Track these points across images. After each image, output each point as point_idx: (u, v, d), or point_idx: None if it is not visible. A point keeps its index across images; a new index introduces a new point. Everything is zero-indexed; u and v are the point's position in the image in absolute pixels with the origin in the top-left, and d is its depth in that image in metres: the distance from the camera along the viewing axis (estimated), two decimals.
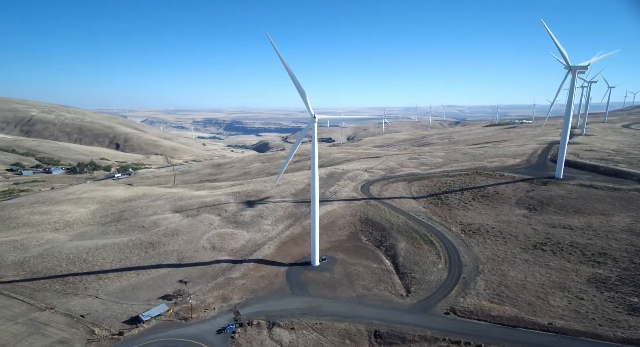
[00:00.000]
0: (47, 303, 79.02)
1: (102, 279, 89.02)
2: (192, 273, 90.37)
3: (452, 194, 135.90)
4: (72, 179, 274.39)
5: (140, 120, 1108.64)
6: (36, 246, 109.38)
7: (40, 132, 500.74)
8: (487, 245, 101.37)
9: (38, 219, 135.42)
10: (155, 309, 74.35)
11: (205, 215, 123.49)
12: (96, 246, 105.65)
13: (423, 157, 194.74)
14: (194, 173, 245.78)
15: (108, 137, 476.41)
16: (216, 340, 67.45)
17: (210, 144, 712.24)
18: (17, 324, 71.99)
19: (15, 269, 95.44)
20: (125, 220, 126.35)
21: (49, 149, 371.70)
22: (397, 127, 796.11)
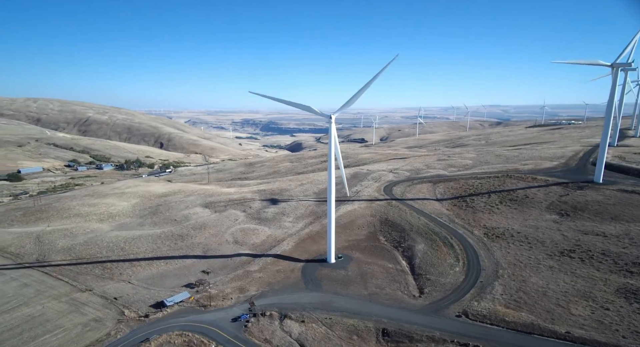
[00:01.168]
0: (87, 285, 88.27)
1: (135, 266, 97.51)
2: (214, 264, 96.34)
3: (478, 197, 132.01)
4: (120, 175, 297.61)
5: (184, 120, 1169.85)
6: (83, 234, 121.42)
7: (95, 131, 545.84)
8: (511, 250, 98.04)
9: (86, 211, 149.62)
10: (178, 295, 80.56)
11: (232, 211, 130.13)
12: (133, 236, 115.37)
13: (452, 159, 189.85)
14: (227, 171, 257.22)
15: (153, 137, 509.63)
16: (231, 327, 71.89)
17: (247, 143, 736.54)
18: (60, 302, 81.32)
19: (63, 254, 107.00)
20: (160, 213, 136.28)
21: (102, 147, 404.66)
22: (434, 128, 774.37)
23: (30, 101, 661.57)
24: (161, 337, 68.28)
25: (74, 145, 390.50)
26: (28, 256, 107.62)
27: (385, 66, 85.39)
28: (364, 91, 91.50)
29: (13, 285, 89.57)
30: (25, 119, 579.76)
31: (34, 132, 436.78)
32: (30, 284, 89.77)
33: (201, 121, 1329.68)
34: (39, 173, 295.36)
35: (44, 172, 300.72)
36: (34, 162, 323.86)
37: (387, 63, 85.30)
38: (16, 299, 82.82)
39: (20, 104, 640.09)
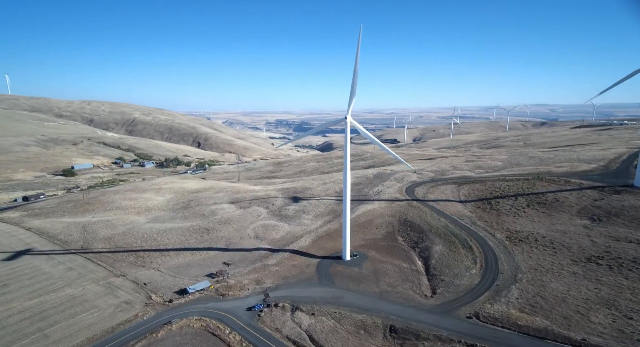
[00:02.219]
0: (122, 271, 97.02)
1: (165, 255, 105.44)
2: (235, 257, 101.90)
3: (504, 200, 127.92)
4: (160, 172, 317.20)
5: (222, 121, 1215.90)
6: (122, 226, 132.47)
7: (140, 131, 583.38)
8: (533, 254, 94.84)
9: (127, 204, 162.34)
10: (200, 284, 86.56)
11: (255, 207, 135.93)
12: (165, 229, 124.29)
13: (481, 160, 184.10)
14: (257, 170, 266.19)
15: (191, 137, 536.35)
16: (245, 316, 76.40)
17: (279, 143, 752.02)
18: (98, 285, 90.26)
19: (104, 242, 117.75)
20: (190, 208, 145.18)
21: (145, 146, 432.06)
22: (471, 129, 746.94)
23: (85, 103, 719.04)
24: (182, 320, 74.16)
25: (121, 144, 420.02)
26: (74, 243, 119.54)
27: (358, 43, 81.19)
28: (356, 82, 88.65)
29: (60, 268, 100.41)
30: (80, 119, 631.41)
31: (87, 132, 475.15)
32: (74, 268, 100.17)
33: (237, 122, 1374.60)
34: (90, 169, 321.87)
35: (93, 169, 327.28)
36: (85, 159, 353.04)
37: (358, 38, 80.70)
38: (61, 281, 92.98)
39: (76, 106, 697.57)
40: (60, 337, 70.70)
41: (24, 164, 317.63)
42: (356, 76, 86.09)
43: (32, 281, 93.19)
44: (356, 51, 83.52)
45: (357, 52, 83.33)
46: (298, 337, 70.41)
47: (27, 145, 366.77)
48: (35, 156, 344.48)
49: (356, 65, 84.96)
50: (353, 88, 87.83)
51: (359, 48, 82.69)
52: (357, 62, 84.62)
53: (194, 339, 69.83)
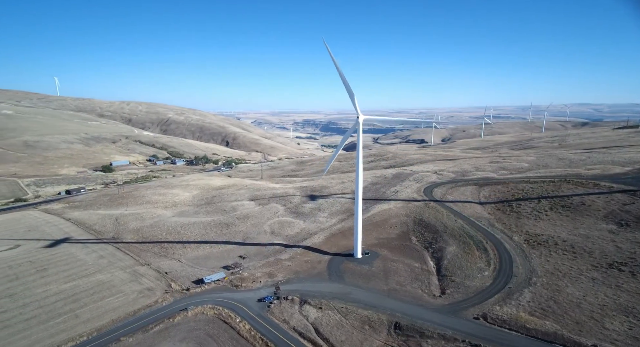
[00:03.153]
0: (146, 261, 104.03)
1: (186, 247, 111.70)
2: (250, 251, 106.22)
3: (526, 202, 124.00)
4: (189, 170, 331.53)
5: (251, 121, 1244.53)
6: (150, 219, 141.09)
7: (173, 130, 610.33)
8: (551, 258, 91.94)
9: (156, 199, 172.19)
10: (215, 275, 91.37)
11: (273, 204, 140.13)
12: (188, 222, 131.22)
13: (507, 161, 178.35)
14: (280, 169, 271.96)
15: (221, 136, 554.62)
16: (255, 306, 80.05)
17: (305, 143, 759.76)
18: (125, 272, 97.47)
19: (133, 233, 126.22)
20: (213, 204, 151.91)
21: (177, 145, 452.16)
22: (504, 129, 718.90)
23: (124, 104, 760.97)
24: (197, 308, 78.99)
25: (155, 143, 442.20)
26: (107, 233, 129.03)
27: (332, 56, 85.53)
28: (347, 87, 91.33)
29: (93, 256, 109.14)
30: (120, 119, 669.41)
31: (125, 131, 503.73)
32: (105, 256, 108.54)
33: (266, 121, 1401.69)
34: (126, 166, 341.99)
35: (129, 165, 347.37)
36: (123, 156, 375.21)
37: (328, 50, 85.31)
38: (93, 267, 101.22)
39: (116, 107, 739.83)
40: (88, 317, 77.57)
41: (68, 160, 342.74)
42: (344, 79, 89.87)
43: (67, 267, 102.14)
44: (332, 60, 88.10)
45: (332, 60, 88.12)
46: (304, 329, 72.99)
47: (71, 143, 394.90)
48: (79, 153, 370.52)
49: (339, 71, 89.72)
50: (348, 89, 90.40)
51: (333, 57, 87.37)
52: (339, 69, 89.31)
53: (206, 325, 74.28)
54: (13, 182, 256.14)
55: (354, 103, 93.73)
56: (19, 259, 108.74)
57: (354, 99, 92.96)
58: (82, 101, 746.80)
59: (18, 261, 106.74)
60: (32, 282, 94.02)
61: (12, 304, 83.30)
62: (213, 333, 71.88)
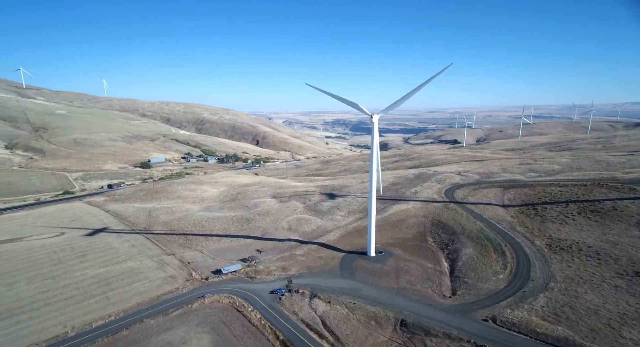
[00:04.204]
0: (172, 251, 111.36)
1: (209, 240, 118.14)
2: (267, 245, 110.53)
3: (552, 206, 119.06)
4: (220, 167, 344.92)
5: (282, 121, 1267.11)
6: (178, 212, 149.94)
7: (207, 130, 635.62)
8: (573, 264, 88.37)
9: (186, 194, 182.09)
10: (233, 266, 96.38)
11: (293, 202, 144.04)
12: (213, 217, 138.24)
13: (537, 163, 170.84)
14: (305, 168, 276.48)
15: (251, 135, 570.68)
16: (267, 298, 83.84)
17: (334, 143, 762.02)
18: (152, 260, 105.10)
19: (162, 225, 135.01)
20: (237, 200, 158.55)
21: (210, 143, 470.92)
22: (545, 129, 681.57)
23: (164, 104, 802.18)
24: (213, 296, 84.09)
25: (190, 141, 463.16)
26: (139, 224, 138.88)
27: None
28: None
29: (125, 245, 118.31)
30: (159, 118, 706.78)
31: (163, 130, 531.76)
32: (136, 245, 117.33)
33: (296, 121, 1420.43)
34: (162, 163, 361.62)
35: (166, 162, 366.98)
36: (160, 154, 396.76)
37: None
38: (125, 255, 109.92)
39: (156, 107, 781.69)
40: (117, 300, 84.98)
41: (111, 157, 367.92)
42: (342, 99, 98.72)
43: (103, 253, 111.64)
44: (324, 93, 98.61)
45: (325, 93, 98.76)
46: (312, 321, 75.66)
47: (115, 141, 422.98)
48: (121, 150, 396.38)
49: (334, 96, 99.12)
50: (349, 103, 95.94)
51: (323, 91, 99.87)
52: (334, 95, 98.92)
53: (221, 312, 79.05)
54: (63, 176, 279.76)
55: (361, 109, 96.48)
56: (62, 245, 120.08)
57: (359, 106, 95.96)
58: (126, 102, 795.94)
59: (62, 247, 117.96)
60: (72, 266, 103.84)
61: (54, 285, 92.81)
62: (226, 320, 76.42)
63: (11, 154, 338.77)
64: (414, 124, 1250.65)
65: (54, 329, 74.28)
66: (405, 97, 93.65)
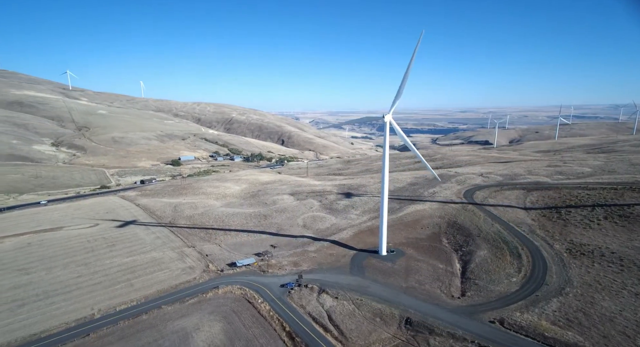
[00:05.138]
0: (192, 243, 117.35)
1: (227, 234, 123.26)
2: (281, 241, 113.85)
3: (577, 210, 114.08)
4: (245, 166, 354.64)
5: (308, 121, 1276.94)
6: (202, 207, 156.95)
7: (235, 129, 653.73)
8: (593, 270, 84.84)
9: (210, 191, 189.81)
10: (247, 260, 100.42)
11: (310, 200, 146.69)
12: (232, 213, 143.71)
13: (566, 165, 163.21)
14: (327, 167, 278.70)
15: (277, 134, 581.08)
16: (277, 291, 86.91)
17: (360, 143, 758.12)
18: (174, 252, 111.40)
19: (185, 219, 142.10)
20: (257, 197, 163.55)
21: (237, 142, 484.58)
22: (587, 130, 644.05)
23: (195, 105, 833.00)
24: (226, 287, 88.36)
25: (218, 140, 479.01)
26: (165, 218, 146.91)
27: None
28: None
29: (151, 236, 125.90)
30: (191, 118, 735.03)
31: (194, 129, 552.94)
32: (160, 237, 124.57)
33: (323, 121, 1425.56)
34: (191, 161, 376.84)
35: (194, 160, 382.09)
36: (190, 152, 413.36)
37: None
38: (150, 246, 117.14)
39: (189, 107, 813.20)
40: (140, 287, 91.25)
41: (145, 154, 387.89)
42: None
43: (130, 244, 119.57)
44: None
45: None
46: (318, 315, 77.85)
47: (149, 139, 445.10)
48: (155, 148, 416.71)
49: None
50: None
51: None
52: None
53: (233, 302, 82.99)
54: (101, 171, 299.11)
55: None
56: (96, 235, 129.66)
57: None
58: (161, 102, 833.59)
59: (95, 237, 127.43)
60: (102, 254, 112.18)
61: (85, 271, 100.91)
62: (237, 310, 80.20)
63: (57, 150, 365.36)
64: (443, 124, 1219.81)
65: (82, 310, 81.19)
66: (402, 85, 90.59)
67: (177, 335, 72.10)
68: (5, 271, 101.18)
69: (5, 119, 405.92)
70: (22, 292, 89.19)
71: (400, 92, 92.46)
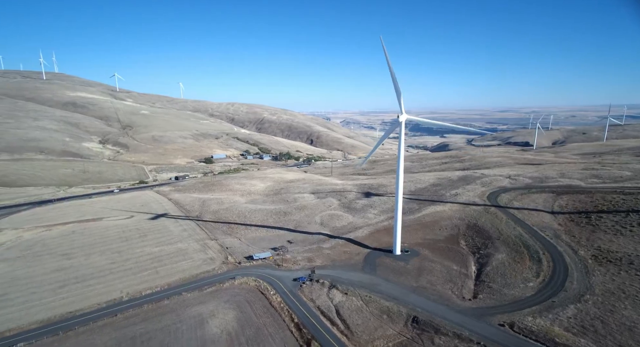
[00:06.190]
0: (215, 237, 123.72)
1: (247, 229, 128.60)
2: (297, 237, 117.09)
3: (610, 215, 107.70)
4: (273, 164, 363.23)
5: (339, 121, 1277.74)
6: (227, 203, 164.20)
7: (266, 129, 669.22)
8: (618, 278, 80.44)
9: (237, 187, 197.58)
10: (263, 254, 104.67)
11: (330, 198, 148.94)
12: (255, 209, 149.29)
13: (605, 169, 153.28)
14: (352, 167, 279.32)
15: (306, 134, 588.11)
16: (290, 284, 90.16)
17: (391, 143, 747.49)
18: (198, 244, 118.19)
19: (211, 214, 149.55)
20: (279, 194, 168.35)
21: (267, 142, 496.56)
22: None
23: (230, 105, 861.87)
24: (242, 278, 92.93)
25: (249, 139, 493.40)
26: (193, 212, 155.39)
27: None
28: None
29: (178, 229, 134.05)
30: (225, 118, 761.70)
31: (226, 129, 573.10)
32: (187, 230, 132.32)
33: (354, 121, 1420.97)
34: (223, 159, 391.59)
35: (226, 159, 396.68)
36: (222, 150, 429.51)
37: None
38: (177, 237, 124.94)
39: (223, 108, 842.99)
40: (164, 274, 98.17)
41: (181, 152, 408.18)
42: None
43: (160, 235, 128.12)
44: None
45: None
46: (327, 309, 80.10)
47: (185, 138, 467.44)
48: (190, 146, 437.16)
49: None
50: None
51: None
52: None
53: (247, 293, 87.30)
54: (141, 168, 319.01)
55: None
56: (130, 226, 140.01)
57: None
58: (198, 103, 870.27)
59: (129, 228, 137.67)
60: (135, 243, 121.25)
61: (119, 258, 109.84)
62: (250, 300, 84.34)
63: (103, 148, 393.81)
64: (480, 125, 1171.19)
65: (113, 293, 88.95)
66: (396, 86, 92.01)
67: (194, 320, 77.27)
68: (51, 256, 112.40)
69: (60, 119, 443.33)
70: (64, 275, 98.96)
71: (398, 91, 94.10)
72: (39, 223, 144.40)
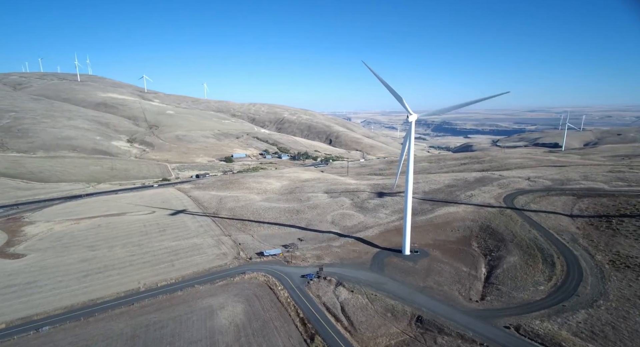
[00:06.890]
0: (228, 233, 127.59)
1: (260, 226, 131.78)
2: (308, 235, 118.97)
3: (632, 219, 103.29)
4: (290, 164, 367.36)
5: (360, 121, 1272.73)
6: (243, 201, 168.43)
7: (286, 129, 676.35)
8: (636, 284, 77.61)
9: (253, 186, 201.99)
10: (274, 250, 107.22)
11: (342, 198, 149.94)
12: (269, 207, 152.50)
13: (632, 172, 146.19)
14: (369, 167, 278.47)
15: (325, 134, 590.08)
16: (298, 281, 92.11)
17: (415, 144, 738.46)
18: (212, 239, 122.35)
19: (227, 211, 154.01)
20: (293, 193, 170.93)
21: (286, 141, 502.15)
22: None
23: (251, 105, 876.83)
24: (252, 273, 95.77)
25: (269, 139, 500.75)
26: (210, 209, 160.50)
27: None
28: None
29: (195, 225, 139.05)
30: (246, 118, 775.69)
31: (247, 128, 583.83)
32: (203, 226, 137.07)
33: (375, 121, 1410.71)
34: (242, 158, 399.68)
35: (245, 158, 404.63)
36: (242, 149, 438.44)
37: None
38: (193, 233, 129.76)
39: (245, 108, 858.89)
40: (179, 267, 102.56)
41: (203, 151, 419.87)
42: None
43: (178, 230, 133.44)
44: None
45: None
46: (332, 306, 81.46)
47: (207, 138, 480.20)
48: (211, 146, 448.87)
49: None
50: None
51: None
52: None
53: (256, 287, 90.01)
54: (164, 166, 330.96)
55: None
56: (151, 221, 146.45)
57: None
58: (220, 103, 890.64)
59: (150, 222, 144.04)
60: (154, 238, 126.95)
61: (138, 251, 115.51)
62: (259, 294, 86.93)
63: (131, 146, 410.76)
64: (507, 125, 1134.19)
65: (131, 284, 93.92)
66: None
67: (205, 311, 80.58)
68: (78, 247, 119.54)
69: (92, 118, 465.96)
70: (88, 265, 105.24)
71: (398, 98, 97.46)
72: (68, 216, 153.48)
